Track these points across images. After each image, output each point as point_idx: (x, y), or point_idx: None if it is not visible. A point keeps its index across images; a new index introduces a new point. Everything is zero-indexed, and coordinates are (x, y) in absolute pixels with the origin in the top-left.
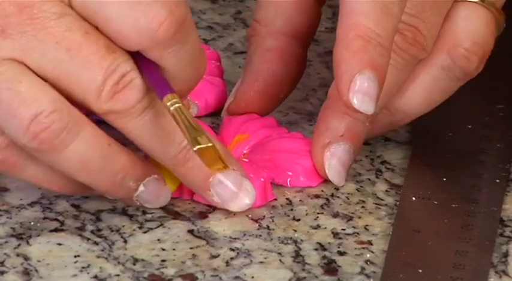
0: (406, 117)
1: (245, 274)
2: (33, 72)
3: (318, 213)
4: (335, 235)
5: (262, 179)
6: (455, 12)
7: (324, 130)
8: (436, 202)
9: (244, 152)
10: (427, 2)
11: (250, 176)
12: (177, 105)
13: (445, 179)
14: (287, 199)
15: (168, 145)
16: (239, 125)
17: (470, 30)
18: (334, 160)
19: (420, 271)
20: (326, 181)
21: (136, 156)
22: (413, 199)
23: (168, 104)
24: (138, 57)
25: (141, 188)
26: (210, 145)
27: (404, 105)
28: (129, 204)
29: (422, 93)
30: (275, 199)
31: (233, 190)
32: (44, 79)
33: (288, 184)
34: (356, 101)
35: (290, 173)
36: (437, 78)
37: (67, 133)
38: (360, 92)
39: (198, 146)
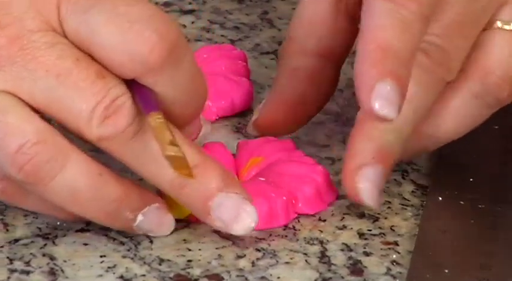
0: (438, 142)
1: (271, 275)
2: (26, 102)
3: (344, 214)
4: (361, 235)
5: (284, 198)
6: (488, 39)
7: (353, 154)
8: (462, 203)
9: (252, 173)
10: (456, 25)
11: (272, 195)
12: (159, 121)
13: (471, 180)
14: None
15: (162, 170)
16: (254, 148)
17: (504, 58)
18: (366, 183)
19: (446, 271)
20: (329, 205)
21: (133, 185)
22: (440, 199)
23: (150, 119)
24: (130, 81)
25: (140, 217)
26: (180, 155)
27: (436, 132)
28: (132, 233)
29: (453, 119)
30: (298, 217)
31: (234, 213)
32: (37, 109)
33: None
34: (377, 105)
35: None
36: (469, 105)
37: (52, 164)
38: (380, 97)
39: (168, 153)
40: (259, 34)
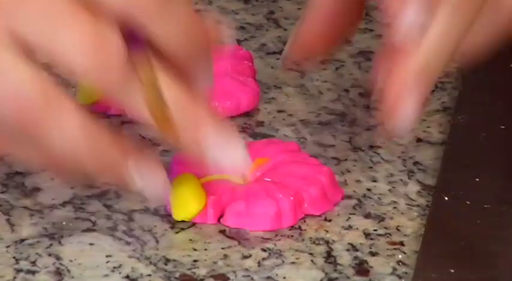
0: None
1: (277, 275)
2: (19, 43)
3: (349, 214)
4: (367, 235)
5: (291, 198)
6: None
7: (392, 80)
8: (468, 202)
9: (258, 174)
10: None
11: (279, 196)
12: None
13: (477, 179)
14: None
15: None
16: (259, 149)
17: None
18: (407, 106)
19: (452, 271)
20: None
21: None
22: (446, 198)
23: (141, 72)
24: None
25: (132, 164)
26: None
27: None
28: (125, 188)
29: None
30: (304, 218)
31: (223, 141)
32: (30, 49)
33: None
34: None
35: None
36: None
37: (45, 109)
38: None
39: (154, 115)
40: (265, 34)
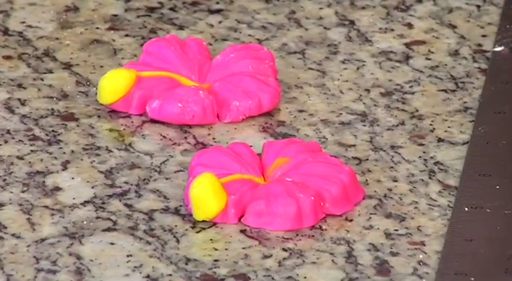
0: None
1: (297, 274)
2: None
3: (370, 214)
4: (388, 235)
5: (312, 198)
6: None
7: None
8: (488, 210)
9: (278, 174)
10: None
11: (300, 196)
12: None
13: (498, 187)
14: None
15: None
16: (280, 149)
17: None
18: None
19: (472, 279)
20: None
21: None
22: (466, 209)
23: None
24: None
25: None
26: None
27: None
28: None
29: None
30: (325, 218)
31: None
32: None
33: None
34: None
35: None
36: None
37: None
38: None
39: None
40: (286, 34)
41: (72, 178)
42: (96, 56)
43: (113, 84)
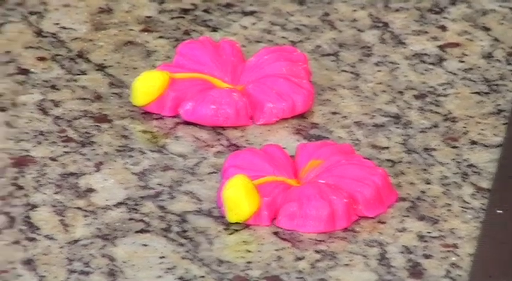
0: None
1: (330, 276)
2: None
3: (403, 216)
4: (420, 238)
5: (345, 200)
6: None
7: None
8: None
9: (312, 176)
10: None
11: (333, 198)
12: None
13: None
14: None
15: None
16: (313, 151)
17: None
18: None
19: None
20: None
21: None
22: (498, 211)
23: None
24: None
25: None
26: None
27: None
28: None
29: None
30: (358, 220)
31: None
32: None
33: None
34: None
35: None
36: None
37: None
38: None
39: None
40: (320, 36)
41: (105, 180)
42: (129, 58)
43: (147, 86)
